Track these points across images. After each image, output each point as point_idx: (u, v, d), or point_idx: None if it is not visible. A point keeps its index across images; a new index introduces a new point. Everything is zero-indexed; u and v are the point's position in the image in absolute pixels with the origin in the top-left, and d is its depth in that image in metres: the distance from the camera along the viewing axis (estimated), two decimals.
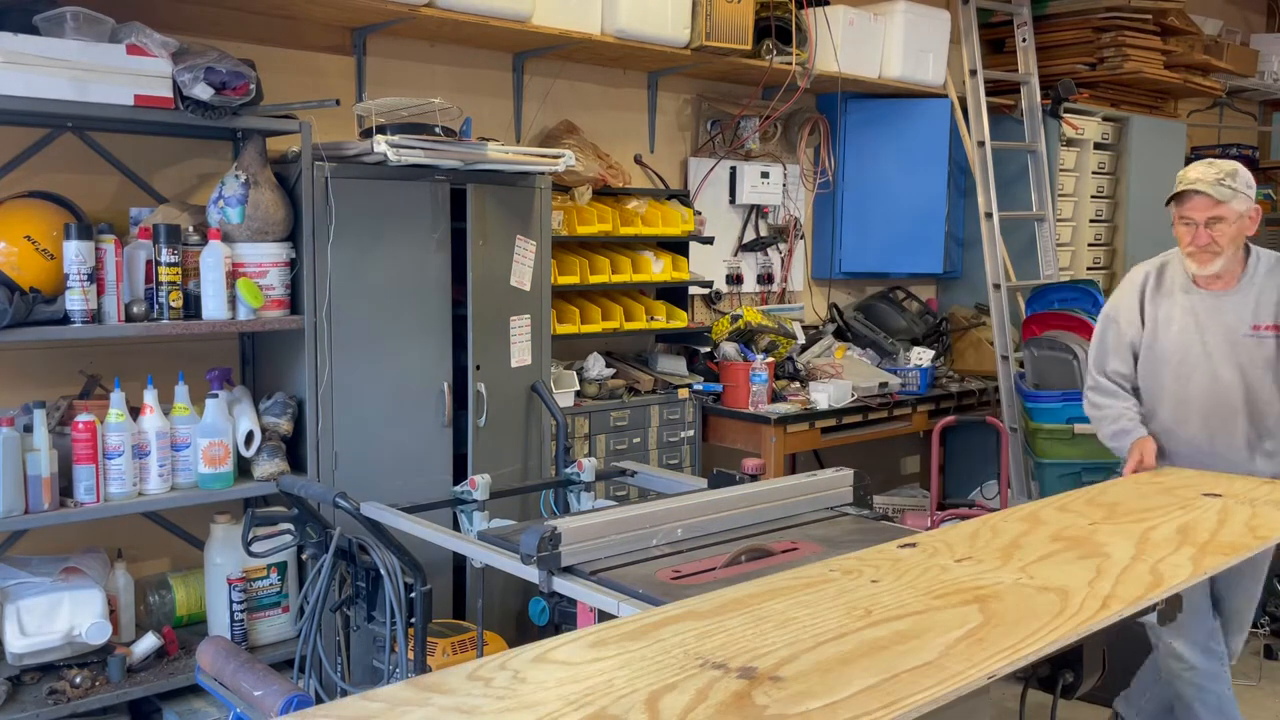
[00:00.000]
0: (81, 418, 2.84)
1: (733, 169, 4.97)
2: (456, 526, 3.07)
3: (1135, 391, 3.31)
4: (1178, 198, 3.10)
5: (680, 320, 4.46)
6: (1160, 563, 2.08)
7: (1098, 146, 5.92)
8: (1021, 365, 4.95)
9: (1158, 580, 1.99)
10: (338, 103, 3.28)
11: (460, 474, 3.44)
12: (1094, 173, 5.93)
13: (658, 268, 4.41)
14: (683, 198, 4.62)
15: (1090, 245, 5.97)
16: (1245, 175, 3.08)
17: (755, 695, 1.47)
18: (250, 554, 2.75)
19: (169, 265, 2.95)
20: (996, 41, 5.84)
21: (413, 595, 2.57)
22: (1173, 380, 3.22)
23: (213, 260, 3.01)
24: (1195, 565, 2.09)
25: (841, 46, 4.79)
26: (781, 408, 4.41)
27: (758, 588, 1.92)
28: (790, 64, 4.55)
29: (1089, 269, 5.96)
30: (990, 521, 2.36)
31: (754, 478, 2.88)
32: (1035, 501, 2.58)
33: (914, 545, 2.18)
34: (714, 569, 2.21)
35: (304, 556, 2.96)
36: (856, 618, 1.77)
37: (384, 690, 1.49)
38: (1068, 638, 1.73)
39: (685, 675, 1.53)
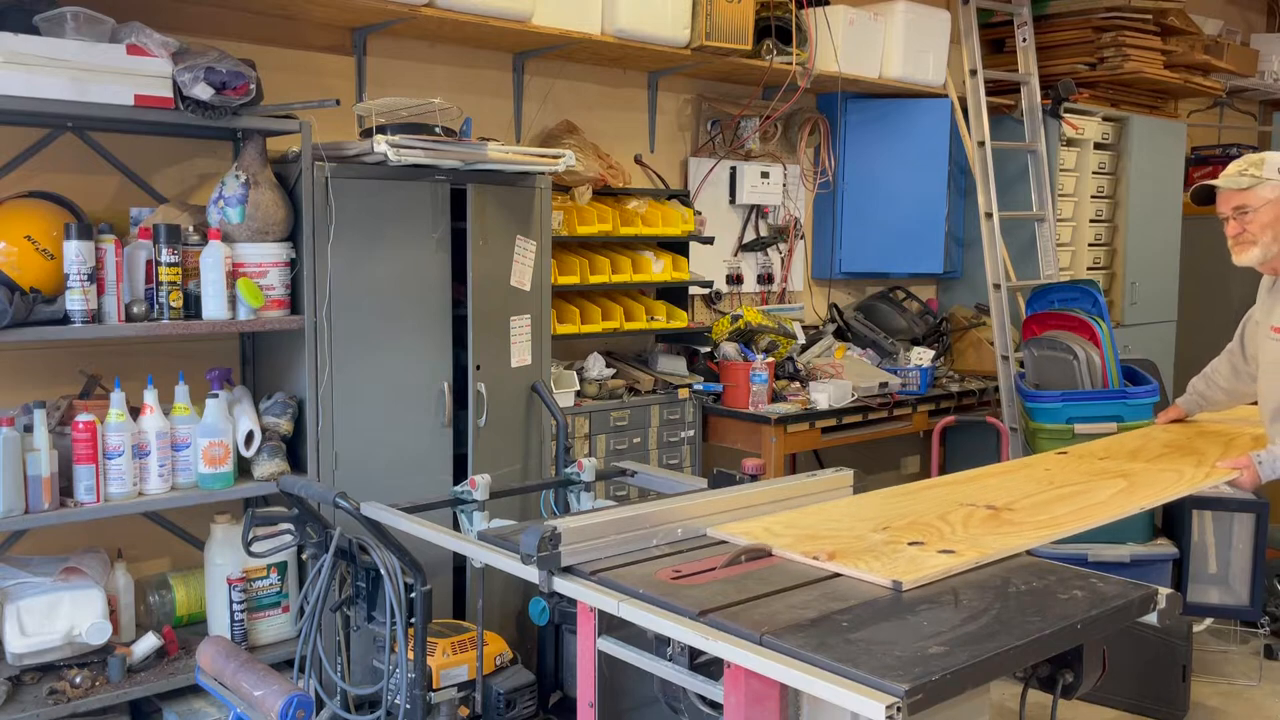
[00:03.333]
0: (81, 418, 2.84)
1: (733, 169, 4.97)
2: (456, 526, 3.07)
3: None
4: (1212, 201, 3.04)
5: (680, 320, 4.46)
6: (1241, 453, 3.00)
7: (1098, 146, 5.92)
8: (1021, 365, 4.95)
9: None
10: (338, 103, 3.28)
11: (460, 474, 3.44)
12: (1094, 173, 5.93)
13: (658, 268, 4.41)
14: (683, 198, 4.62)
15: (1090, 245, 5.97)
16: (1275, 160, 2.94)
17: (1002, 515, 2.48)
18: (250, 554, 2.75)
19: (169, 265, 2.95)
20: (996, 41, 5.84)
21: (413, 595, 2.57)
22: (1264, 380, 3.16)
23: (213, 260, 3.01)
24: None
25: (841, 46, 4.79)
26: (781, 408, 4.41)
27: (969, 474, 2.90)
28: (790, 64, 4.55)
29: (1089, 269, 5.96)
30: (1110, 443, 3.31)
31: (754, 478, 2.88)
32: (1131, 433, 3.52)
33: (1065, 453, 3.19)
34: (714, 569, 2.21)
35: (304, 556, 2.96)
36: (1046, 484, 2.77)
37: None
38: (1185, 492, 2.76)
39: (954, 508, 2.52)
